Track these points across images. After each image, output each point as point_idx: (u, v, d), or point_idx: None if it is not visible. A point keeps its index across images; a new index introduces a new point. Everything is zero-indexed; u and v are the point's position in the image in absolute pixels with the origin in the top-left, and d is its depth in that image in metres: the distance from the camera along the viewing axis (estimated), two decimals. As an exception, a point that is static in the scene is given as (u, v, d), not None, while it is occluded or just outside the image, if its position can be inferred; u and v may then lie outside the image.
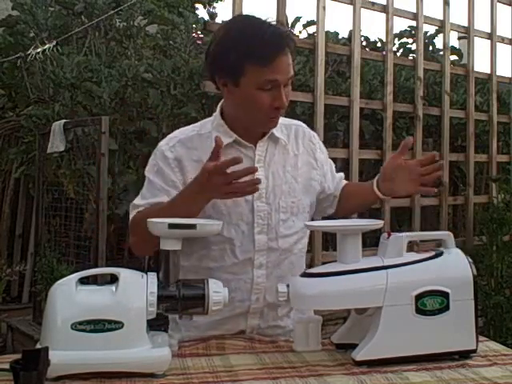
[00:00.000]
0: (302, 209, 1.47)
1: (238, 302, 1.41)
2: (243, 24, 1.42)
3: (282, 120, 1.49)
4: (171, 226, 1.18)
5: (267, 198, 1.42)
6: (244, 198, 1.38)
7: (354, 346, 1.25)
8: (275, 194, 1.43)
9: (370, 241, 2.86)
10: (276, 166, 1.45)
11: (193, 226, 1.20)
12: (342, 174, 1.66)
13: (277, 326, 1.47)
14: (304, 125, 1.58)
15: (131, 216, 1.42)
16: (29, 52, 4.05)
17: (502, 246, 3.44)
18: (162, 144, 1.44)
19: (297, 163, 1.49)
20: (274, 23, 1.38)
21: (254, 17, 1.41)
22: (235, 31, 1.38)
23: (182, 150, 1.41)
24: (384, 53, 3.37)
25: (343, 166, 3.35)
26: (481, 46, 3.84)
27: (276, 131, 1.46)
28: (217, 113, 1.46)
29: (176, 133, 1.47)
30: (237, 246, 1.40)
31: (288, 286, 1.25)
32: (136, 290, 1.15)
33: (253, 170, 1.24)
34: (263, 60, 1.32)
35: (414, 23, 3.53)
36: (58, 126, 3.35)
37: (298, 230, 1.46)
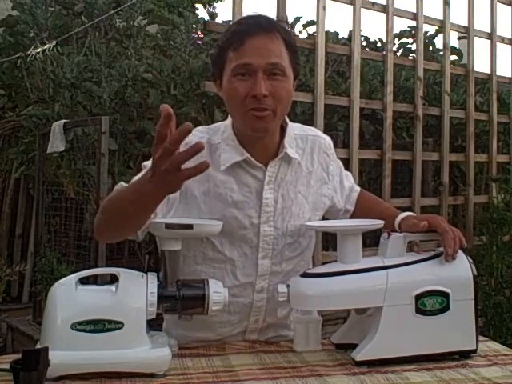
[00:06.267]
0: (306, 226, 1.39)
1: (237, 323, 1.39)
2: (236, 21, 1.40)
3: (297, 130, 1.42)
4: (168, 226, 1.18)
5: (275, 222, 1.34)
6: (250, 221, 1.33)
7: (353, 346, 1.25)
8: (284, 217, 1.35)
9: (370, 241, 2.86)
10: (287, 186, 1.36)
11: (189, 226, 1.19)
12: (351, 184, 1.54)
13: (278, 335, 1.44)
14: (319, 133, 1.49)
15: None
16: (29, 52, 4.05)
17: (502, 246, 3.43)
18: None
19: (310, 181, 1.40)
20: (271, 17, 1.32)
21: (254, 14, 1.34)
22: (227, 29, 1.36)
23: None
24: (384, 53, 3.37)
25: (343, 166, 3.36)
26: (481, 46, 3.84)
27: (290, 149, 1.35)
28: (228, 122, 1.36)
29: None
30: (238, 267, 1.34)
31: (288, 286, 1.25)
32: (136, 290, 1.15)
33: (200, 146, 0.98)
34: (236, 44, 1.25)
35: (414, 23, 3.53)
36: (58, 126, 3.35)
37: (304, 249, 1.41)
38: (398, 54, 4.62)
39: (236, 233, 1.33)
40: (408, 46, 4.73)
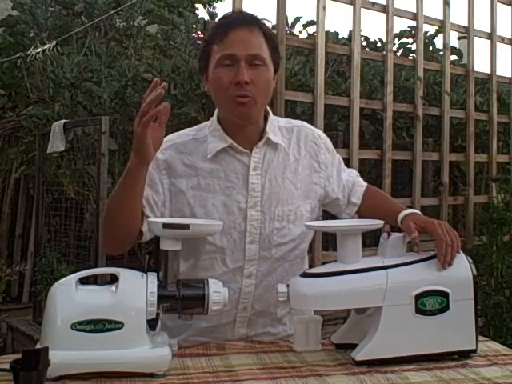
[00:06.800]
0: (301, 215, 1.41)
1: (226, 311, 1.37)
2: (221, 16, 1.46)
3: (283, 123, 1.46)
4: (165, 225, 1.18)
5: (262, 207, 1.37)
6: (238, 206, 1.36)
7: (353, 346, 1.25)
8: (271, 202, 1.38)
9: (370, 241, 2.85)
10: (274, 172, 1.40)
11: (186, 226, 1.19)
12: (352, 179, 1.55)
13: (266, 332, 1.44)
14: (306, 124, 1.52)
15: None
16: (29, 52, 4.05)
17: (502, 246, 3.43)
18: None
19: (297, 168, 1.43)
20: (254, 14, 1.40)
21: (237, 11, 1.45)
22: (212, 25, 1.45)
23: (174, 154, 1.38)
24: (384, 53, 3.36)
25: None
26: (481, 46, 3.84)
27: (274, 136, 1.40)
28: (214, 117, 1.43)
29: (172, 136, 1.42)
30: (227, 254, 1.37)
31: (288, 286, 1.25)
32: (136, 290, 1.15)
33: (157, 82, 1.18)
34: (220, 36, 1.34)
35: (414, 23, 3.53)
36: (58, 126, 3.35)
37: (295, 237, 1.41)
38: (398, 54, 4.62)
39: (225, 219, 1.35)
40: (408, 46, 4.74)
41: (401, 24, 11.85)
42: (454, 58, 4.32)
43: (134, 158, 1.23)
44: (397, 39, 4.54)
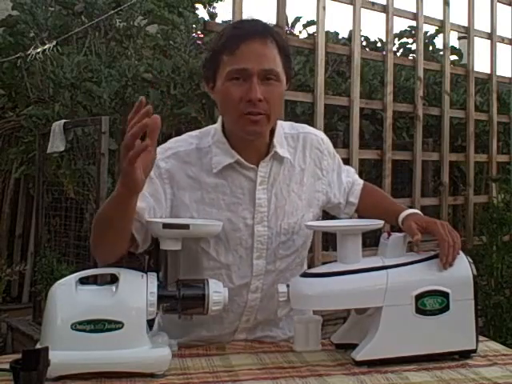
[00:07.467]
0: (304, 225, 1.38)
1: (228, 323, 1.38)
2: (229, 24, 1.41)
3: (288, 128, 1.42)
4: (165, 225, 1.18)
5: (269, 222, 1.34)
6: (244, 222, 1.33)
7: (354, 346, 1.25)
8: (277, 216, 1.35)
9: (370, 241, 2.85)
10: (280, 186, 1.36)
11: (186, 226, 1.18)
12: (351, 179, 1.53)
13: (265, 336, 1.44)
14: (311, 129, 1.48)
15: None
16: (29, 52, 4.05)
17: (502, 246, 3.43)
18: (158, 151, 1.23)
19: (303, 179, 1.40)
20: (266, 22, 1.33)
21: (249, 19, 1.36)
22: (220, 32, 1.37)
23: (177, 164, 1.32)
24: (384, 53, 3.37)
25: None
26: (481, 46, 3.84)
27: (281, 148, 1.35)
28: (218, 126, 1.36)
29: (174, 143, 1.36)
30: (233, 271, 1.34)
31: (288, 286, 1.25)
32: (136, 290, 1.15)
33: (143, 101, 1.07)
34: (231, 48, 1.26)
35: (414, 23, 3.53)
36: (58, 126, 3.35)
37: (298, 247, 1.40)
38: (398, 54, 4.63)
39: (231, 236, 1.33)
40: (408, 46, 4.74)
41: (401, 24, 11.86)
42: (454, 58, 4.32)
43: (121, 188, 1.11)
44: (397, 39, 4.54)
